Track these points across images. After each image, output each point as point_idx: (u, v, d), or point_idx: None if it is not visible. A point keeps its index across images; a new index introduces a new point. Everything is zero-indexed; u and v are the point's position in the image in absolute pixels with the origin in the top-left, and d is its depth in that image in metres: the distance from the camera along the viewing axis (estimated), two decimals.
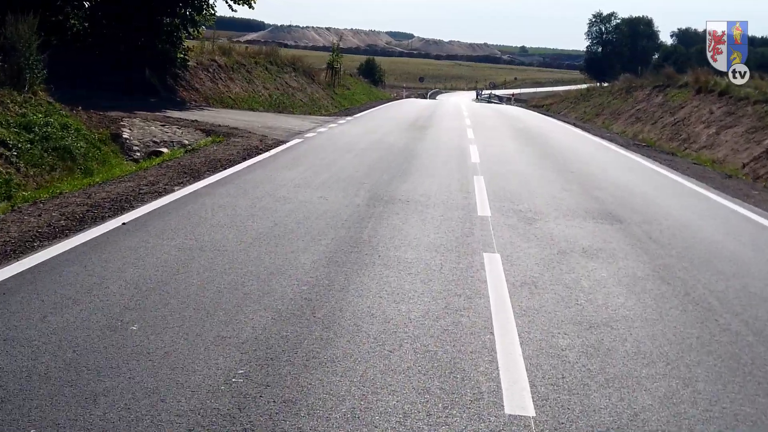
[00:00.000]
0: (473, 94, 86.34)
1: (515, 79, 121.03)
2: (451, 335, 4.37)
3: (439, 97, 76.92)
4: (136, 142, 14.07)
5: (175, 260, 5.59)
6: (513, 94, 71.94)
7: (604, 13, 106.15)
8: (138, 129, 14.76)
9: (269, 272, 5.39)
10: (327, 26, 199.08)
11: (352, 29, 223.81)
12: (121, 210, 7.26)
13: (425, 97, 69.34)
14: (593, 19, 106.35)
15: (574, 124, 26.52)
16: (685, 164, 15.17)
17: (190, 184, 8.94)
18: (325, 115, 24.28)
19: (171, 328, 4.21)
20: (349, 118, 21.67)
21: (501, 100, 70.55)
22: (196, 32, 22.22)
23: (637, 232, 7.75)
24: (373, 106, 32.02)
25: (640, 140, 24.40)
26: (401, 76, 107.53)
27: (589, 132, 22.23)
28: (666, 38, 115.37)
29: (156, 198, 7.95)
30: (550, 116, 32.79)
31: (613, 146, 17.76)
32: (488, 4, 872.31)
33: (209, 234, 6.48)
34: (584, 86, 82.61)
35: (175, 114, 16.66)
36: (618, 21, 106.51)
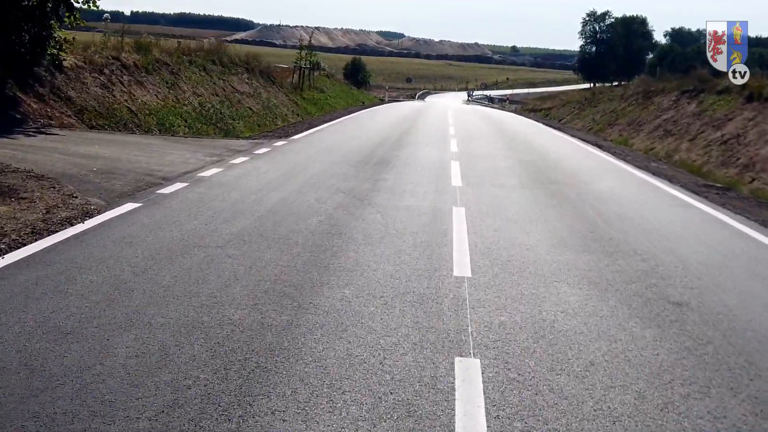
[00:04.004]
0: (464, 95, 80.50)
1: (507, 79, 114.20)
2: None
3: (428, 98, 70.04)
4: None
5: None
6: (508, 97, 64.96)
7: (598, 12, 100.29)
8: None
9: None
10: (317, 25, 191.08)
11: (342, 29, 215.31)
12: None
13: (413, 99, 62.66)
14: (587, 18, 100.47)
15: (596, 144, 19.46)
16: None
17: None
18: (255, 137, 17.23)
19: None
20: (281, 142, 14.51)
21: (493, 102, 63.95)
22: (73, 20, 14.98)
23: None
24: (340, 117, 24.92)
25: (677, 163, 17.47)
26: (390, 76, 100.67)
27: (629, 162, 15.12)
28: (660, 38, 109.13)
29: None
30: (558, 130, 25.74)
31: (686, 197, 10.61)
32: (479, 3, 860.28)
33: None
34: (580, 87, 76.08)
35: None
36: (612, 20, 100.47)
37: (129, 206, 7.30)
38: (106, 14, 19.81)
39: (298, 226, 6.89)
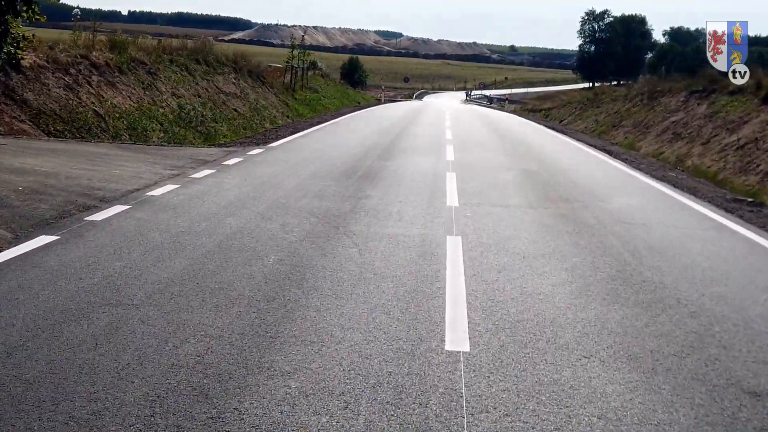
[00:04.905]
0: (462, 95, 79.46)
1: (506, 78, 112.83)
2: None
3: (425, 98, 68.64)
4: None
5: None
6: (507, 97, 63.51)
7: (597, 11, 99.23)
8: None
9: None
10: (315, 25, 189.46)
11: (340, 28, 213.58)
12: None
13: (411, 98, 61.35)
14: (586, 17, 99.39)
15: (604, 149, 17.92)
16: None
17: None
18: (230, 144, 15.70)
19: None
20: (258, 150, 12.95)
21: (492, 102, 62.66)
22: (32, 14, 13.48)
23: None
24: (331, 119, 23.40)
25: (690, 168, 15.95)
26: (388, 75, 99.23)
27: (643, 171, 13.54)
28: (659, 37, 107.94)
29: None
30: (560, 132, 24.24)
31: (718, 216, 8.94)
32: (477, 3, 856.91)
33: None
34: (579, 86, 74.57)
35: None
36: (611, 19, 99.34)
37: (41, 240, 5.77)
38: (75, 9, 18.30)
39: (250, 269, 5.36)
